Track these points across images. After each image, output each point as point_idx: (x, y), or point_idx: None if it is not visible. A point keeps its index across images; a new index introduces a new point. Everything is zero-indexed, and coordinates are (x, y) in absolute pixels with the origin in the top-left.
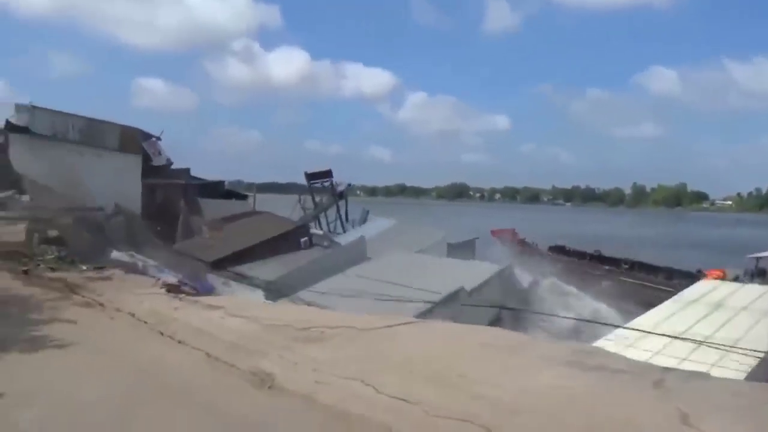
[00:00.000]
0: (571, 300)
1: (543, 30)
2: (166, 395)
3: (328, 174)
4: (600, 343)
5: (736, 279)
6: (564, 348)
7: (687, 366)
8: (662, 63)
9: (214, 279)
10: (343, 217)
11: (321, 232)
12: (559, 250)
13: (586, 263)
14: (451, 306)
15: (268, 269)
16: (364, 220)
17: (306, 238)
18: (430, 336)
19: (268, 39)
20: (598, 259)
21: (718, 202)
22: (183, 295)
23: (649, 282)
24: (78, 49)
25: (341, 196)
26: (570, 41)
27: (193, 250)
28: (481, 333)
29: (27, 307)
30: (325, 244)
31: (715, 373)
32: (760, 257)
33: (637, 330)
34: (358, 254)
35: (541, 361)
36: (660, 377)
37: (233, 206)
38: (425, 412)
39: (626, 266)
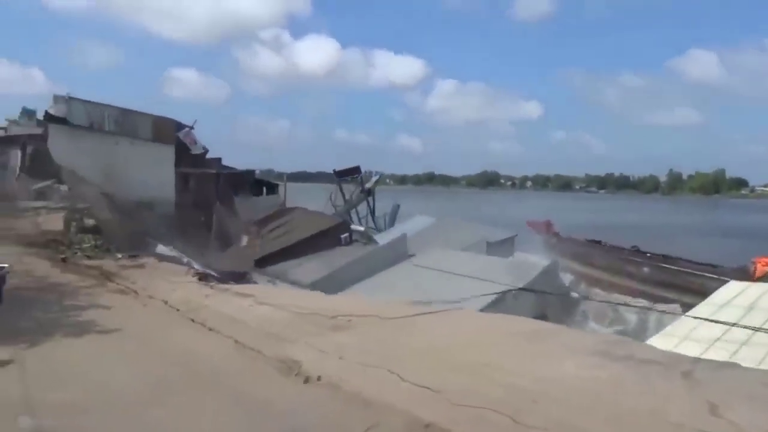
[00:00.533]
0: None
1: (575, 14)
2: (195, 382)
3: (356, 170)
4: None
5: None
6: (591, 337)
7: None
8: (700, 46)
9: (259, 278)
10: (374, 212)
11: (362, 228)
12: (594, 244)
13: (623, 261)
14: (500, 306)
15: (311, 267)
16: (395, 214)
17: (346, 234)
18: (455, 325)
19: (297, 28)
20: (636, 253)
21: (758, 188)
22: (214, 282)
23: (693, 269)
24: (112, 41)
25: (369, 192)
26: (603, 25)
27: (235, 255)
28: (506, 322)
29: (64, 294)
30: (365, 240)
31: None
32: None
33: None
34: (400, 252)
35: (567, 350)
36: (689, 368)
37: (267, 202)
38: (448, 400)
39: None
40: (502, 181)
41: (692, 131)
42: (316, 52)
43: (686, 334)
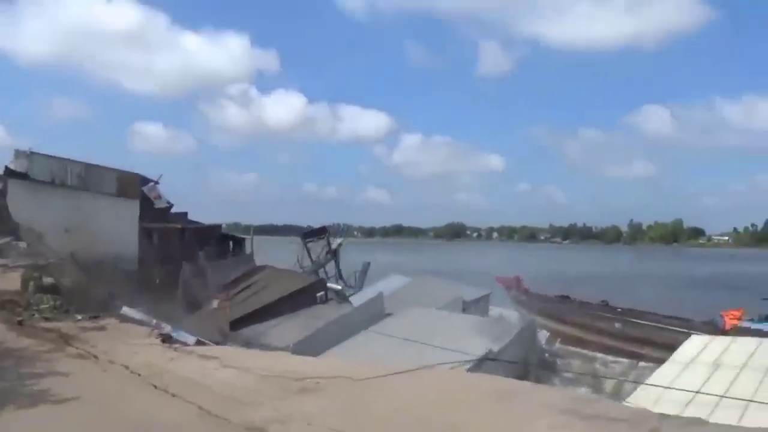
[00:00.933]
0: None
1: (534, 72)
2: None
3: (322, 231)
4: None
5: (751, 320)
6: (562, 395)
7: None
8: (653, 102)
9: (234, 343)
10: (341, 273)
11: (339, 287)
12: (563, 299)
13: (591, 317)
14: (482, 367)
15: (288, 328)
16: (365, 272)
17: (322, 293)
18: (424, 385)
19: (265, 83)
20: (605, 308)
21: (714, 237)
22: (178, 345)
23: (655, 321)
24: (78, 94)
25: (335, 253)
26: (561, 82)
27: (204, 319)
28: (476, 380)
29: (20, 360)
30: (340, 299)
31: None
32: None
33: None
34: (376, 311)
35: (538, 409)
36: (656, 425)
37: (237, 262)
38: None
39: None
40: (469, 232)
41: (650, 183)
42: (283, 107)
43: (659, 396)
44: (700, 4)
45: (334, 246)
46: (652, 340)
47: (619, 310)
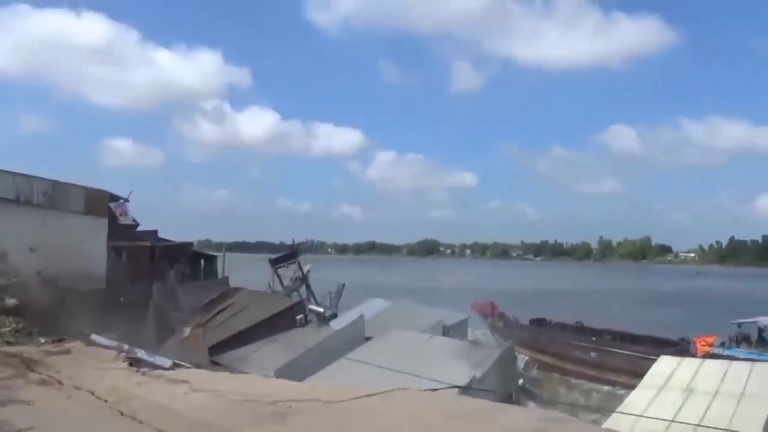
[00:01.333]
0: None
1: (505, 90)
2: None
3: (293, 255)
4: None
5: (722, 345)
6: (530, 416)
7: None
8: (622, 121)
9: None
10: (313, 296)
11: (321, 309)
12: (539, 323)
13: (569, 335)
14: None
15: (269, 353)
16: (340, 294)
17: (301, 316)
18: (397, 406)
19: (238, 99)
20: (580, 330)
21: (681, 254)
22: (146, 369)
23: (630, 350)
24: (45, 110)
25: (305, 277)
26: (532, 101)
27: (176, 348)
28: (447, 402)
29: None
30: (320, 321)
31: None
32: (742, 322)
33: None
34: (357, 335)
35: (509, 429)
36: None
37: (210, 286)
38: None
39: (609, 337)
40: (442, 249)
41: (619, 200)
42: (257, 123)
43: (633, 424)
44: (665, 28)
45: (306, 271)
46: (627, 369)
47: (594, 330)
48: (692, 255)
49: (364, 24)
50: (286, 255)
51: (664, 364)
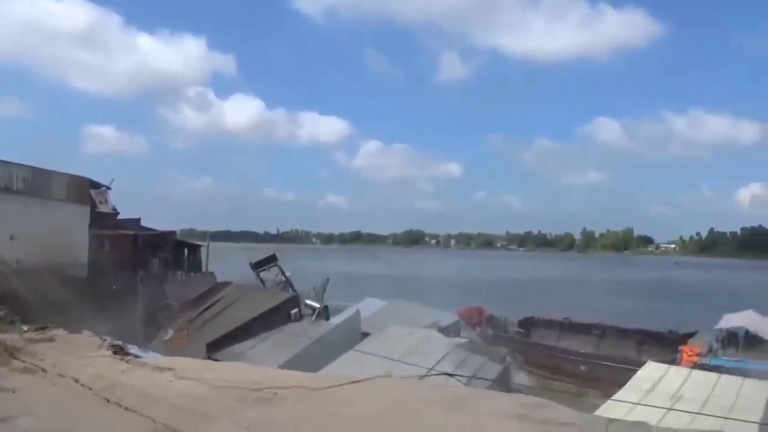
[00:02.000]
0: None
1: (492, 81)
2: None
3: (272, 259)
4: None
5: (709, 350)
6: (511, 401)
7: None
8: (606, 114)
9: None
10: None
11: (317, 305)
12: (528, 323)
13: (557, 336)
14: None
15: (269, 348)
16: (324, 289)
17: (296, 310)
18: (379, 394)
19: (222, 87)
20: (569, 327)
21: (662, 245)
22: (130, 357)
23: (620, 362)
24: (25, 95)
25: (288, 279)
26: (518, 92)
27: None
28: (430, 389)
29: None
30: (314, 316)
31: None
32: (728, 328)
33: None
34: (354, 330)
35: (489, 415)
36: (604, 429)
37: (197, 280)
38: None
39: (597, 332)
40: (427, 239)
41: (602, 192)
42: (241, 111)
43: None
44: (651, 21)
45: (288, 274)
46: (619, 382)
47: (584, 326)
48: (673, 246)
49: (350, 12)
50: (266, 259)
51: (651, 370)
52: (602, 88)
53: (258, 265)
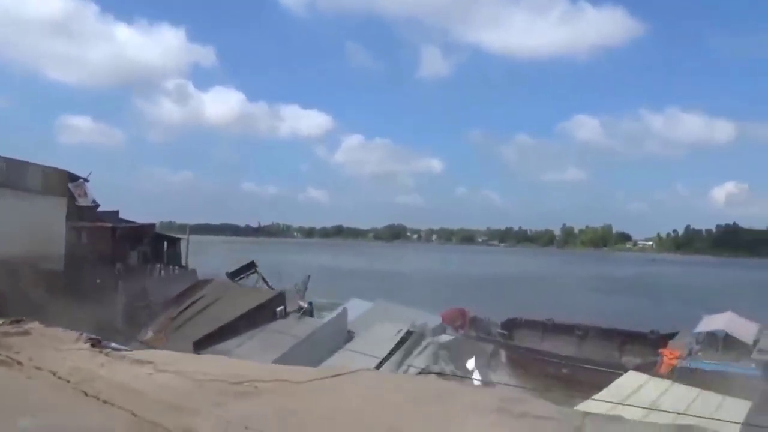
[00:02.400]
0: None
1: (473, 77)
2: None
3: (251, 266)
4: None
5: (689, 353)
6: (491, 395)
7: None
8: (585, 110)
9: None
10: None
11: (304, 304)
12: (511, 324)
13: (540, 337)
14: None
15: (257, 346)
16: (306, 285)
17: (282, 308)
18: (363, 387)
19: (202, 79)
20: (552, 328)
21: (640, 242)
22: (109, 350)
23: (602, 366)
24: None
25: (267, 284)
26: (499, 88)
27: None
28: (410, 382)
29: None
30: (300, 313)
31: None
32: (708, 332)
33: None
34: (341, 328)
35: (469, 409)
36: (580, 422)
37: (178, 278)
38: None
39: (579, 333)
40: (409, 234)
41: (581, 189)
42: (222, 104)
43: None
44: (629, 19)
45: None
46: (598, 384)
47: (566, 327)
48: (650, 243)
49: (332, 5)
50: (244, 267)
51: (631, 379)
52: (582, 85)
53: (236, 274)
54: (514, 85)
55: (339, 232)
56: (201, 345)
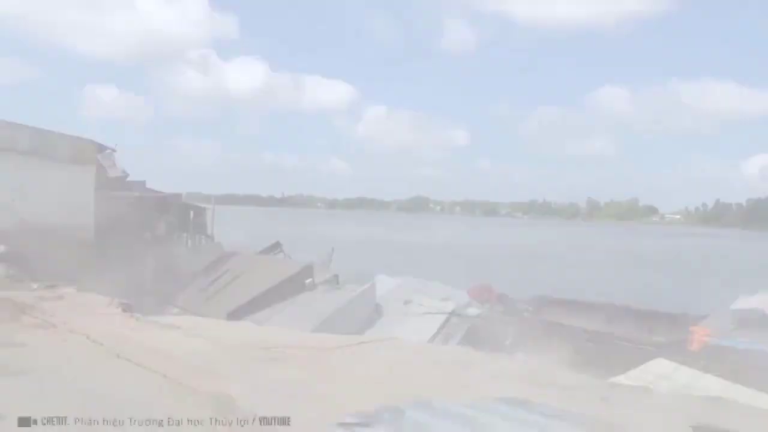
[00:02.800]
0: None
1: (499, 48)
2: (122, 425)
3: (276, 246)
4: None
5: (722, 331)
6: (519, 364)
7: None
8: (614, 82)
9: None
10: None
11: (330, 276)
12: (539, 301)
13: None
14: None
15: (292, 316)
16: (330, 258)
17: (311, 279)
18: (389, 354)
19: (225, 49)
20: (579, 306)
21: (667, 215)
22: (140, 315)
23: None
24: (27, 57)
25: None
26: (525, 60)
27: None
28: (435, 351)
29: None
30: (329, 285)
31: None
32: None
33: None
34: (370, 299)
35: (494, 377)
36: (607, 392)
37: (204, 251)
38: None
39: (607, 311)
40: (432, 206)
41: (608, 161)
42: (245, 75)
43: None
44: None
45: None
46: (629, 364)
47: (596, 306)
48: (678, 216)
49: None
50: (269, 247)
51: (659, 365)
52: (610, 56)
53: (261, 254)
54: (541, 56)
55: (362, 203)
56: (234, 316)
